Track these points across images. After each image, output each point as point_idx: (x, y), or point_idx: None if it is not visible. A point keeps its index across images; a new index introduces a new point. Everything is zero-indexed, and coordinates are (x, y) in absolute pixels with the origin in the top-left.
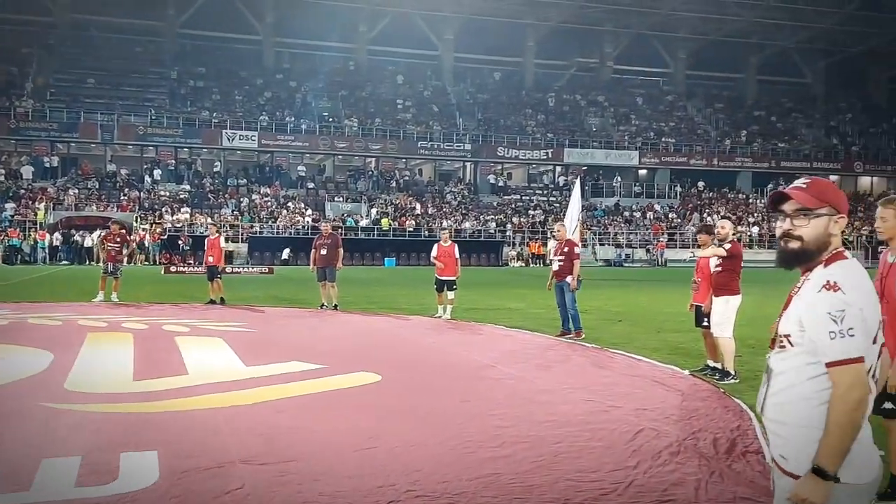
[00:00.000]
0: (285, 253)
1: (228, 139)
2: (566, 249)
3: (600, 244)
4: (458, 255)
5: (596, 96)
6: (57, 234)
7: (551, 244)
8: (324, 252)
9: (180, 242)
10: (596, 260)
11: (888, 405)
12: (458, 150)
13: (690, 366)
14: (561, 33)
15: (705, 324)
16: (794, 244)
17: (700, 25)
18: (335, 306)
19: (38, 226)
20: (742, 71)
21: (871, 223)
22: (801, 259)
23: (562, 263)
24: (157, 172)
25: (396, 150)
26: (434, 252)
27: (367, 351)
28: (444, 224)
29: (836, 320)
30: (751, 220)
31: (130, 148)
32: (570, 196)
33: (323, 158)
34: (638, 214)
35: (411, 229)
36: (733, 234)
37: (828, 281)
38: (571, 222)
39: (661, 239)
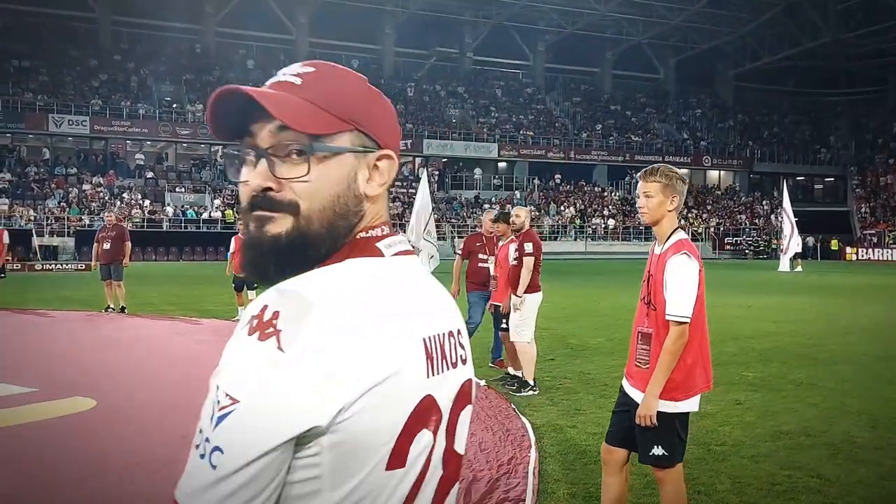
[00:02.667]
0: None
1: (56, 124)
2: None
3: (459, 237)
4: None
5: (456, 87)
6: None
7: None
8: (107, 246)
9: None
10: (454, 253)
11: (658, 450)
12: None
13: (496, 373)
14: (420, 22)
15: (504, 326)
16: (271, 229)
17: (557, 18)
18: (122, 308)
19: None
20: (598, 65)
21: (718, 215)
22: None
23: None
24: None
25: None
26: (232, 246)
27: (104, 367)
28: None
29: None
30: (605, 212)
31: None
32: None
33: (164, 146)
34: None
35: None
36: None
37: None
38: (423, 213)
39: None
